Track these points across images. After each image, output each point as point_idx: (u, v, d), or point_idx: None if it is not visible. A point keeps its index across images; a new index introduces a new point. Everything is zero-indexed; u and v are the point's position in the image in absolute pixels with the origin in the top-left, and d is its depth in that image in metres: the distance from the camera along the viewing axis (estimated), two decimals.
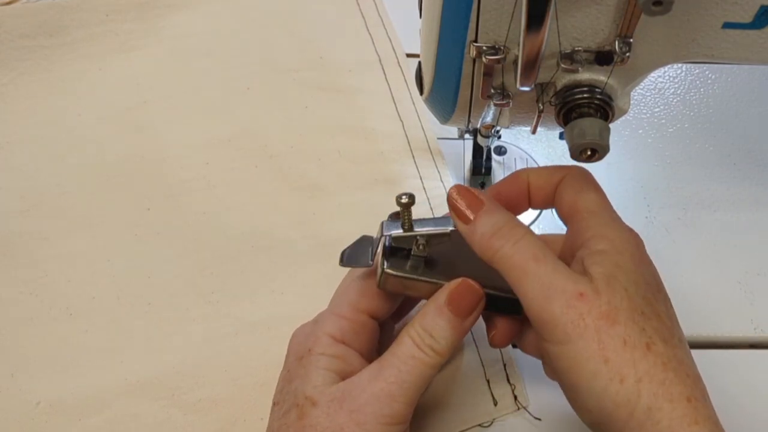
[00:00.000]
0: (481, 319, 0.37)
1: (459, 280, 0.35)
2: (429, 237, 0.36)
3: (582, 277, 0.32)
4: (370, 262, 0.36)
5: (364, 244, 0.37)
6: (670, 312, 0.33)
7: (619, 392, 0.29)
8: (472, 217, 0.34)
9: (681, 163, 0.54)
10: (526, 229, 0.34)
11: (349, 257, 0.37)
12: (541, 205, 0.38)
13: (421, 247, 0.36)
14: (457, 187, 0.35)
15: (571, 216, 0.35)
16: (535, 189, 0.37)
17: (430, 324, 0.34)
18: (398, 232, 0.36)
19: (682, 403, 0.29)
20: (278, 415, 0.35)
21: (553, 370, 0.32)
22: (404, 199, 0.34)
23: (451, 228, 0.35)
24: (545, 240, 0.38)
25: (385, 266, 0.36)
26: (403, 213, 0.35)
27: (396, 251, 0.36)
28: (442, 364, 0.35)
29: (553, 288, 0.31)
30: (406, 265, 0.36)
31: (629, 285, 0.31)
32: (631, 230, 0.34)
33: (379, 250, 0.37)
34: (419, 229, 0.35)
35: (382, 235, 0.36)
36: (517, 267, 0.32)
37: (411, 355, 0.34)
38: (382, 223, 0.36)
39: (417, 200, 0.35)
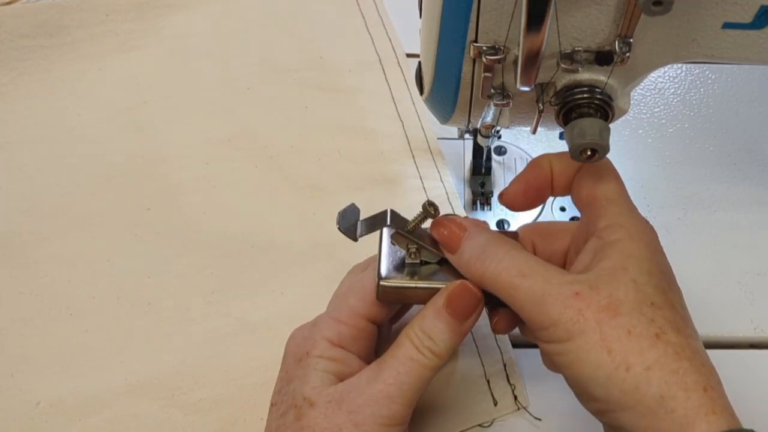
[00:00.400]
0: (484, 313, 0.37)
1: (458, 282, 0.35)
2: (420, 247, 0.35)
3: (577, 277, 0.32)
4: (356, 238, 0.36)
5: (353, 214, 0.37)
6: (683, 302, 0.33)
7: (626, 380, 0.29)
8: (458, 244, 0.34)
9: (681, 163, 0.54)
10: (511, 245, 0.34)
11: (343, 222, 0.36)
12: (563, 192, 0.37)
13: (413, 255, 0.36)
14: (439, 220, 0.35)
15: (589, 203, 0.35)
16: (558, 175, 0.37)
17: (429, 326, 0.34)
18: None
19: (698, 392, 0.29)
20: (276, 416, 0.35)
21: (556, 366, 0.32)
22: (431, 209, 0.34)
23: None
24: (553, 228, 0.38)
25: (381, 278, 0.35)
26: (418, 215, 0.35)
27: (390, 262, 0.36)
28: (441, 367, 0.35)
29: (546, 295, 0.31)
30: (402, 273, 0.36)
31: (640, 275, 0.31)
32: (647, 222, 0.34)
33: (377, 263, 0.36)
34: (417, 239, 0.35)
35: (386, 225, 0.35)
36: (506, 285, 0.32)
37: (410, 357, 0.34)
38: (387, 213, 0.36)
39: (417, 200, 0.35)
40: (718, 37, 0.33)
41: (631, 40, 0.32)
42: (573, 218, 0.51)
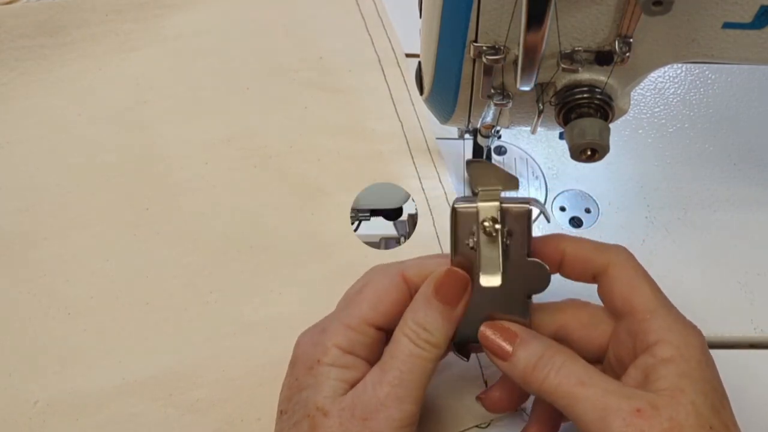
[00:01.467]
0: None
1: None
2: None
3: (637, 392, 0.31)
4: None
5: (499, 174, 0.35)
6: (734, 418, 0.32)
7: None
8: (510, 350, 0.33)
9: (681, 163, 0.54)
10: (567, 352, 0.33)
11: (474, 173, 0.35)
12: (574, 278, 0.36)
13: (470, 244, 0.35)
14: (488, 325, 0.35)
15: (627, 313, 0.34)
16: (572, 261, 0.36)
17: (422, 318, 0.34)
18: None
19: None
20: (288, 425, 0.35)
21: None
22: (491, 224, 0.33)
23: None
24: (594, 318, 0.36)
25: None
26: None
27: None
28: (441, 357, 0.34)
29: (607, 409, 0.30)
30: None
31: (697, 396, 0.30)
32: (693, 327, 0.33)
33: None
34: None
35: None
36: (566, 395, 0.31)
37: (409, 354, 0.33)
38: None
39: (416, 200, 0.35)
40: (718, 37, 0.33)
41: (631, 40, 0.32)
42: (572, 218, 0.51)
